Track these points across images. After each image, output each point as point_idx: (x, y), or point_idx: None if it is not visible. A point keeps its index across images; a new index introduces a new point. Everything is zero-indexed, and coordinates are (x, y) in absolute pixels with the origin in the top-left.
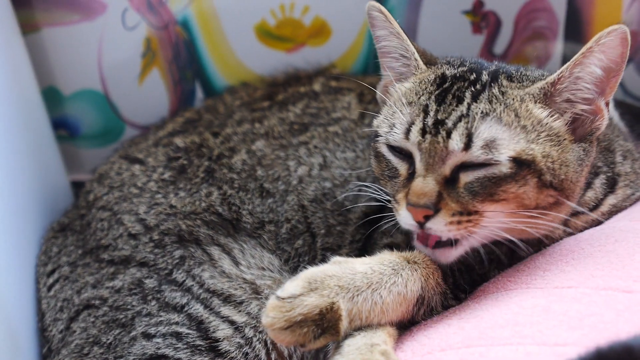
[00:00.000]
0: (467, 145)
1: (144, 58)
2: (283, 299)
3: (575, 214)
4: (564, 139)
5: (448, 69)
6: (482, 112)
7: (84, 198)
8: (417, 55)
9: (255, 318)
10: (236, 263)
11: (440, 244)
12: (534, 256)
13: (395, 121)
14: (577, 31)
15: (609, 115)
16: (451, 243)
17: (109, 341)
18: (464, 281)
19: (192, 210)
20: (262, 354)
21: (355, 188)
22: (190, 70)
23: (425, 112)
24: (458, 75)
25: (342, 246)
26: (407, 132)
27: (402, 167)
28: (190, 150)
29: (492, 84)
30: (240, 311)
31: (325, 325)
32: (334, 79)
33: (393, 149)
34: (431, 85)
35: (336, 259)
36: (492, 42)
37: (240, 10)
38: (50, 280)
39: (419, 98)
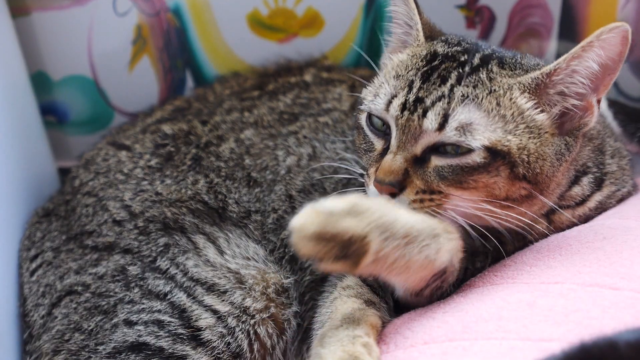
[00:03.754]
0: (442, 126)
1: (135, 45)
2: (322, 212)
3: (559, 207)
4: (545, 132)
5: (441, 47)
6: (462, 95)
7: (70, 184)
8: (419, 26)
9: (239, 308)
10: (221, 252)
11: None
12: (521, 251)
13: (380, 91)
14: (571, 29)
15: (599, 113)
16: None
17: (90, 327)
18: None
19: (178, 197)
20: (245, 344)
21: (336, 158)
22: (181, 59)
23: (410, 87)
24: (450, 54)
25: None
26: (389, 103)
27: (378, 143)
28: (177, 138)
29: (481, 68)
30: (223, 300)
31: (349, 253)
32: (326, 70)
33: (372, 124)
34: (421, 60)
35: (387, 198)
36: (486, 38)
37: None
38: (33, 265)
39: (407, 72)
